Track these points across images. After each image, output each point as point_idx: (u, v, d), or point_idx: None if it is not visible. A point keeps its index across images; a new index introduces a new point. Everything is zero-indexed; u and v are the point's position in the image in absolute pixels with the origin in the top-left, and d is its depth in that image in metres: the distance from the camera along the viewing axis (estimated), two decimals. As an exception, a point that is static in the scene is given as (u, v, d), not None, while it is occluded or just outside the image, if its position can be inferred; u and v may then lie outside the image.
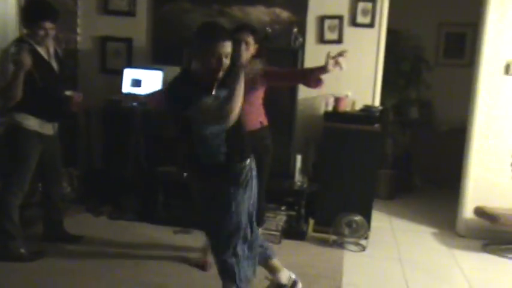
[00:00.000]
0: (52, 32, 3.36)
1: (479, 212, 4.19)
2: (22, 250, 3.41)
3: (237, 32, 3.19)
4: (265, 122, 3.41)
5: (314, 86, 3.23)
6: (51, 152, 3.55)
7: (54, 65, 3.45)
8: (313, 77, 3.17)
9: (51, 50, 3.45)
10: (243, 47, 3.17)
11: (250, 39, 3.22)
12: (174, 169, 4.31)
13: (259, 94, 3.35)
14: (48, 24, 3.29)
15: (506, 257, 4.00)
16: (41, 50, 3.35)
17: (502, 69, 4.23)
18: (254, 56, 3.25)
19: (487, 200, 4.25)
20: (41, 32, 3.28)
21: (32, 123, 3.34)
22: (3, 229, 3.36)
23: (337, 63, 2.99)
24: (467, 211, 4.37)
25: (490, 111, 4.26)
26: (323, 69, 3.04)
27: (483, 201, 4.26)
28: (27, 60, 3.15)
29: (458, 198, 4.47)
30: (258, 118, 3.34)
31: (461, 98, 4.74)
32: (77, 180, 4.60)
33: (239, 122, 2.44)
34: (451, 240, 4.33)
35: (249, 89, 3.19)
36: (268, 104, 3.46)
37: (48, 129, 3.45)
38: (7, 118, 3.34)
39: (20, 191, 3.39)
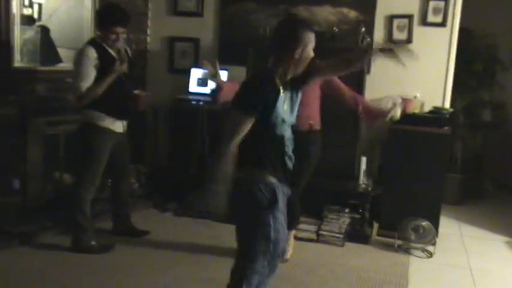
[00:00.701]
0: (123, 35, 3.50)
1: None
2: (93, 242, 3.56)
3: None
4: (316, 126, 3.34)
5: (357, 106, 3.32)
6: (121, 149, 3.68)
7: (124, 66, 3.57)
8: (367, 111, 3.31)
9: (122, 50, 3.58)
10: None
11: None
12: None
13: (313, 91, 3.27)
14: (119, 29, 3.42)
15: None
16: (112, 51, 3.49)
17: None
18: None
19: None
20: (113, 36, 3.42)
21: (104, 121, 3.47)
22: (76, 222, 3.52)
23: (392, 111, 3.24)
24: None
25: None
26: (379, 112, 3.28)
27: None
28: (123, 69, 3.40)
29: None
30: (308, 121, 3.28)
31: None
32: (144, 176, 4.75)
33: None
34: (525, 250, 4.12)
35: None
36: (334, 105, 3.42)
37: (119, 127, 3.58)
38: (81, 116, 3.50)
39: (92, 185, 3.53)
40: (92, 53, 3.35)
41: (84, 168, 3.54)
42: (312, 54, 2.32)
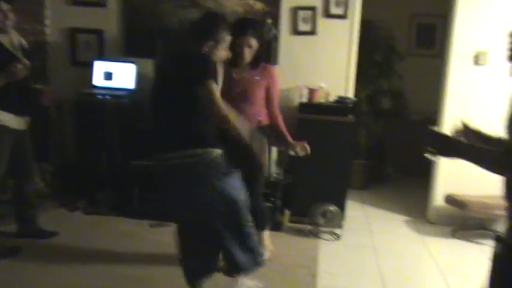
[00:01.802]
0: (12, 17, 3.27)
1: (450, 199, 4.30)
2: None
3: (241, 34, 3.16)
4: (263, 122, 3.40)
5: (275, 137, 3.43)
6: (22, 147, 3.48)
7: (20, 56, 3.36)
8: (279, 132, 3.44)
9: (15, 40, 3.37)
10: (247, 50, 3.21)
11: (255, 42, 3.23)
12: (148, 162, 4.28)
13: (260, 95, 3.35)
14: (4, 5, 3.20)
15: (473, 242, 4.14)
16: (4, 40, 3.26)
17: (471, 60, 4.33)
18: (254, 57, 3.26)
19: (456, 189, 4.36)
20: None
21: (1, 117, 3.26)
22: None
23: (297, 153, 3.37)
24: (438, 199, 4.48)
25: (459, 101, 4.36)
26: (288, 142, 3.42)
27: (453, 189, 4.37)
28: (21, 74, 3.16)
29: (429, 187, 4.57)
30: (256, 118, 3.32)
31: (432, 88, 4.83)
32: (50, 175, 4.53)
33: None
34: (422, 227, 4.45)
35: (248, 89, 3.27)
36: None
37: (20, 123, 3.38)
38: None
39: None
40: None
41: None
42: (224, 54, 2.57)
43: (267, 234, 3.55)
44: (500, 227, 3.81)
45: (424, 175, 4.75)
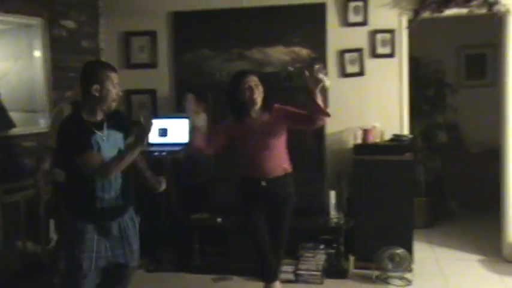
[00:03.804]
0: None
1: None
2: None
3: (244, 77, 3.16)
4: (289, 169, 3.27)
5: (317, 118, 3.05)
6: None
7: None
8: (313, 108, 3.01)
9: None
10: (257, 89, 3.13)
11: (258, 81, 3.17)
12: (207, 215, 4.30)
13: (282, 138, 3.23)
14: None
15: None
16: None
17: (529, 87, 4.17)
18: (264, 99, 3.18)
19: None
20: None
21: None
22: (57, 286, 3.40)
23: (317, 80, 2.89)
24: (512, 234, 4.23)
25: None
26: (310, 93, 2.94)
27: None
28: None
29: (501, 222, 4.33)
30: (281, 165, 3.22)
31: (488, 118, 4.67)
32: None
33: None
34: (500, 267, 4.16)
35: (269, 135, 3.16)
36: (296, 142, 3.42)
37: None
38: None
39: None
40: None
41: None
42: (113, 91, 2.55)
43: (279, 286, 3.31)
44: None
45: (490, 209, 4.52)
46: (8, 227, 3.76)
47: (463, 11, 4.22)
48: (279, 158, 3.21)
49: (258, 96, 3.15)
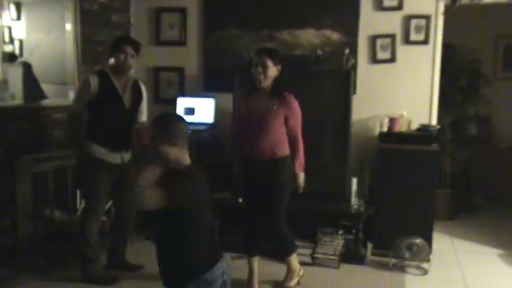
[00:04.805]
0: (132, 62, 3.49)
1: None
2: (100, 273, 3.59)
3: (256, 54, 3.25)
4: (280, 154, 3.24)
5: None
6: (122, 182, 3.60)
7: (126, 100, 3.52)
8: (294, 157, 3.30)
9: (129, 84, 3.56)
10: (263, 71, 3.16)
11: (270, 63, 3.18)
12: (229, 195, 4.35)
13: (279, 123, 3.23)
14: (129, 49, 3.46)
15: None
16: (117, 83, 3.47)
17: None
18: (275, 79, 3.22)
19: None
20: (122, 56, 3.43)
21: (95, 150, 3.45)
22: (83, 253, 3.54)
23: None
24: (537, 232, 4.15)
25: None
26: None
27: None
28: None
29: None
30: (272, 149, 3.22)
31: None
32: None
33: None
34: (520, 262, 4.12)
35: (266, 118, 3.19)
36: (320, 128, 3.40)
37: (116, 158, 3.54)
38: (78, 147, 3.52)
39: (95, 217, 3.54)
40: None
41: (85, 199, 3.64)
42: None
43: (295, 258, 3.51)
44: None
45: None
46: (37, 196, 3.90)
47: (504, -2, 4.09)
48: (270, 142, 3.21)
49: (264, 79, 3.18)
